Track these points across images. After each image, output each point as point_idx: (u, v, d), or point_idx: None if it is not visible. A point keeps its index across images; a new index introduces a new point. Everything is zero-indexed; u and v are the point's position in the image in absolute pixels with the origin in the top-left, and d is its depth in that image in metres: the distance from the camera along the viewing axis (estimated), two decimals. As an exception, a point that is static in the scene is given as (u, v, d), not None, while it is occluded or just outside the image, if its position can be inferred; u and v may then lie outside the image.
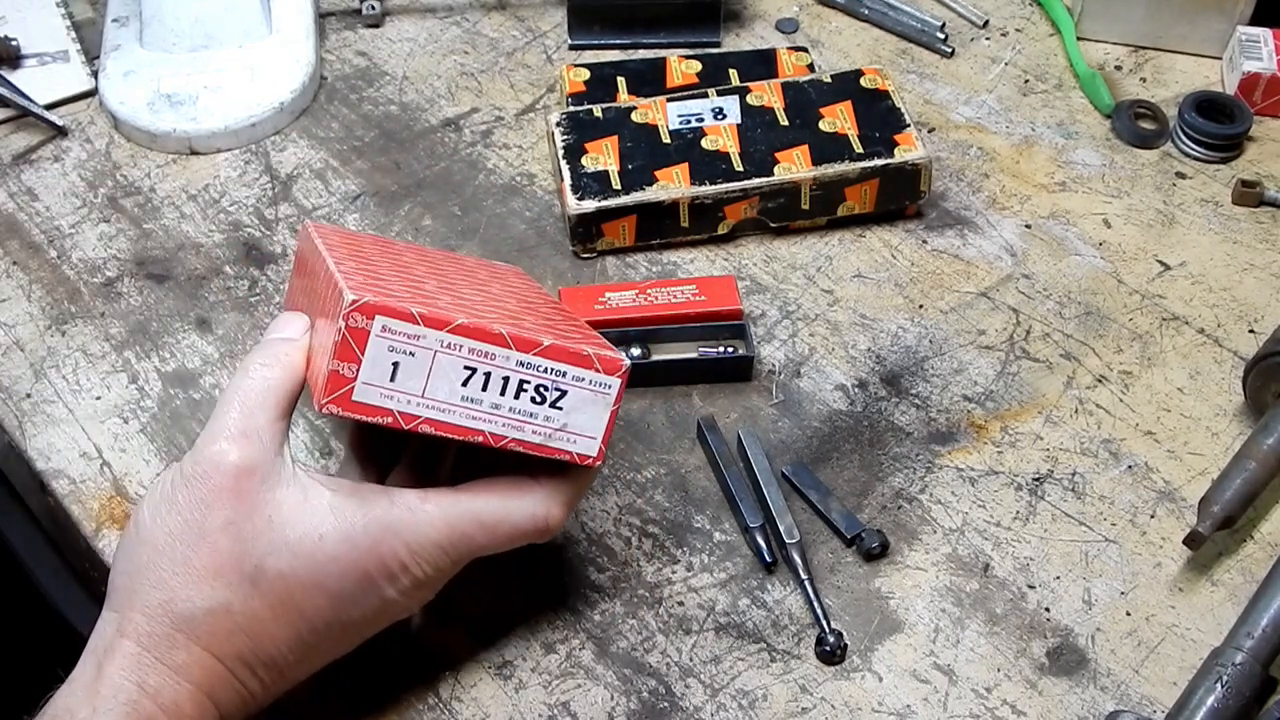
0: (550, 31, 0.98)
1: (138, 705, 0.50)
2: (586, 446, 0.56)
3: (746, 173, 0.80)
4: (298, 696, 0.60)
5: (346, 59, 0.96)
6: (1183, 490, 0.70)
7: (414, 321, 0.52)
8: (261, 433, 0.54)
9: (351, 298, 0.52)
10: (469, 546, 0.56)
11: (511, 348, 0.54)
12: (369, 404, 0.53)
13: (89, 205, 0.85)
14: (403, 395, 0.53)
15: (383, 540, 0.54)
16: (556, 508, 0.57)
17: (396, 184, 0.87)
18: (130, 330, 0.77)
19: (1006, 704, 0.61)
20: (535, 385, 0.55)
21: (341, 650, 0.57)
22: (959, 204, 0.85)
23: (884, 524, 0.68)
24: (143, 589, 0.52)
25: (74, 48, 0.93)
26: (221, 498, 0.53)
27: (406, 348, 0.53)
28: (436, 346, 0.53)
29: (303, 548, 0.53)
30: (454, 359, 0.53)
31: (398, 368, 0.53)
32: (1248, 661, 0.59)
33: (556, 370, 0.55)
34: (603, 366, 0.56)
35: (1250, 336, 0.77)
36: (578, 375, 0.55)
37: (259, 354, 0.56)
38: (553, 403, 0.55)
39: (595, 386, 0.56)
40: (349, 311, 0.52)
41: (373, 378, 0.53)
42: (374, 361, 0.52)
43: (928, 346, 0.77)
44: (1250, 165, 0.88)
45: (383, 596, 0.55)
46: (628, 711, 0.61)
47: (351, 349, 0.52)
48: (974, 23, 0.99)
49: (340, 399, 0.52)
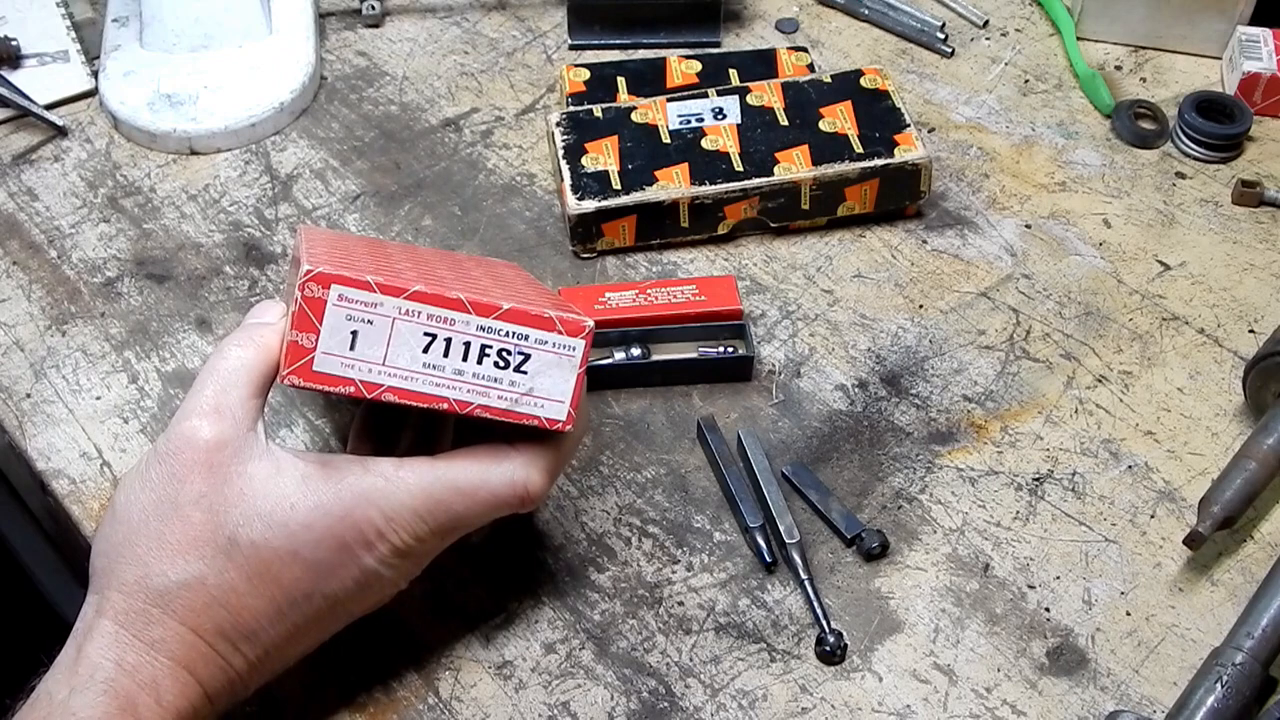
0: (550, 31, 0.98)
1: (115, 683, 0.50)
2: (555, 411, 0.56)
3: (746, 173, 0.80)
4: (296, 695, 0.60)
5: (346, 59, 0.96)
6: (1183, 490, 0.70)
7: (370, 289, 0.52)
8: (234, 409, 0.54)
9: (307, 268, 0.52)
10: (447, 514, 0.55)
11: (470, 312, 0.54)
12: (330, 374, 0.53)
13: (89, 205, 0.85)
14: (364, 364, 0.53)
15: (356, 507, 0.54)
16: (536, 474, 0.57)
17: (396, 184, 0.87)
18: (130, 330, 0.77)
19: (1006, 704, 0.61)
20: (498, 349, 0.55)
21: (328, 627, 0.56)
22: (959, 204, 0.85)
23: (884, 524, 0.68)
24: (119, 567, 0.53)
25: (74, 48, 0.93)
26: (194, 472, 0.53)
27: (364, 316, 0.53)
28: (395, 314, 0.53)
29: (275, 517, 0.53)
30: (413, 325, 0.53)
31: (357, 336, 0.53)
32: (1248, 661, 0.59)
33: (518, 334, 0.55)
34: (565, 328, 0.55)
35: (1250, 336, 0.77)
36: (540, 338, 0.55)
37: (235, 336, 0.56)
38: (516, 367, 0.55)
39: (559, 349, 0.55)
40: (304, 281, 0.52)
41: (332, 347, 0.53)
42: (332, 331, 0.52)
43: (928, 346, 0.77)
44: (1250, 165, 0.88)
45: (361, 566, 0.54)
46: (628, 711, 0.61)
47: (309, 319, 0.52)
48: (974, 23, 0.99)
49: (301, 369, 0.53)
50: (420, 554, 0.56)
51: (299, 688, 0.60)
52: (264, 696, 0.57)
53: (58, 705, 0.50)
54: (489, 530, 0.61)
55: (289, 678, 0.58)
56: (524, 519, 0.68)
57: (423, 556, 0.57)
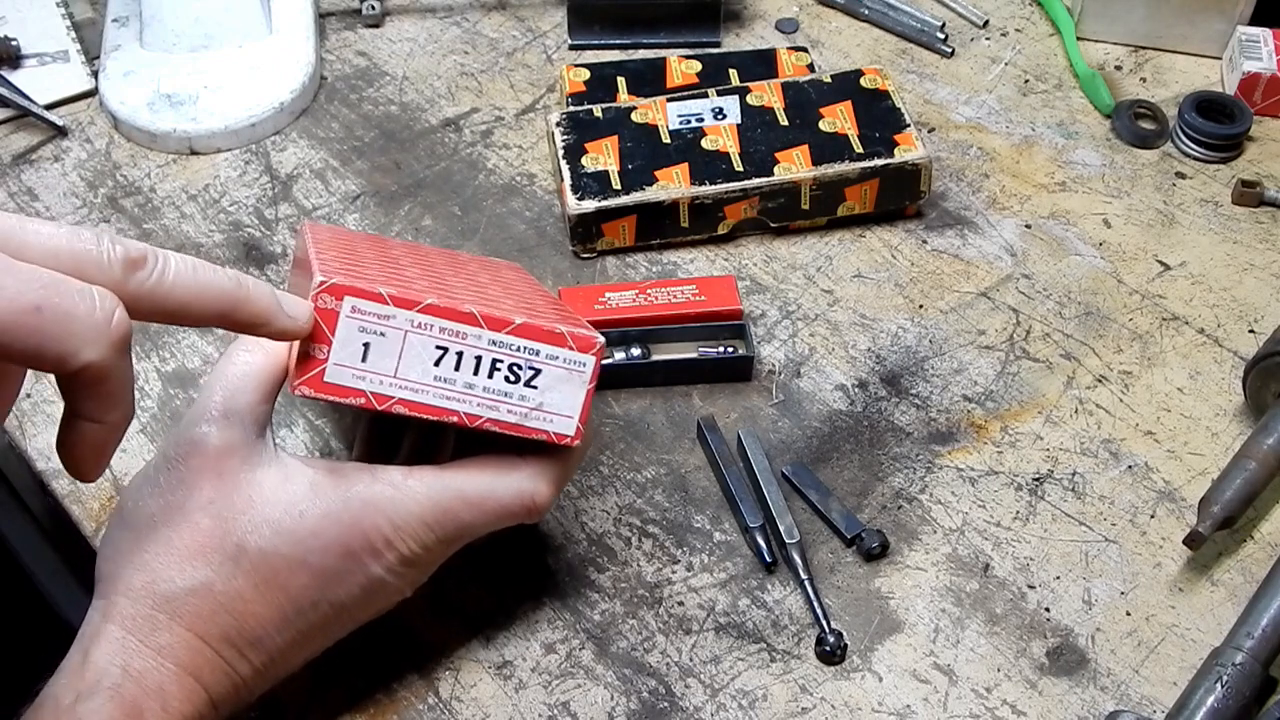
0: (550, 31, 0.98)
1: (121, 689, 0.50)
2: (563, 426, 0.56)
3: (746, 173, 0.80)
4: (297, 695, 0.60)
5: (346, 59, 0.96)
6: (1183, 490, 0.70)
7: (383, 301, 0.52)
8: (243, 415, 0.54)
9: (320, 279, 0.52)
10: (455, 523, 0.55)
11: (483, 326, 0.54)
12: (341, 385, 0.53)
13: (89, 205, 0.85)
14: (375, 376, 0.53)
15: (364, 515, 0.54)
16: (543, 485, 0.57)
17: (396, 184, 0.87)
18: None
19: (1006, 704, 0.61)
20: (509, 364, 0.55)
21: (334, 634, 0.56)
22: (959, 204, 0.85)
23: (884, 524, 0.68)
24: (126, 572, 0.52)
25: (74, 48, 0.93)
26: (203, 478, 0.53)
27: (377, 328, 0.53)
28: (407, 326, 0.53)
29: (283, 525, 0.53)
30: (425, 339, 0.53)
31: (369, 348, 0.53)
32: (1248, 661, 0.59)
33: (530, 349, 0.55)
34: (576, 344, 0.55)
35: (1250, 336, 0.77)
36: (551, 353, 0.55)
37: (243, 341, 0.56)
38: (527, 381, 0.55)
39: (570, 365, 0.55)
40: (318, 293, 0.52)
41: (344, 359, 0.53)
42: (345, 342, 0.52)
43: (928, 346, 0.77)
44: (1250, 165, 0.88)
45: (369, 574, 0.54)
46: (628, 711, 0.61)
47: (322, 329, 0.52)
48: (974, 23, 0.99)
49: (312, 380, 0.52)
50: (427, 562, 0.56)
51: (300, 689, 0.60)
52: (265, 697, 0.57)
53: (64, 711, 0.50)
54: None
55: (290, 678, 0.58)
56: (524, 519, 0.68)
57: (429, 565, 0.57)
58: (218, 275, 0.48)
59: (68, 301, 0.43)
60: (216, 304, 0.48)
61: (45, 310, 0.42)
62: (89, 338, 0.43)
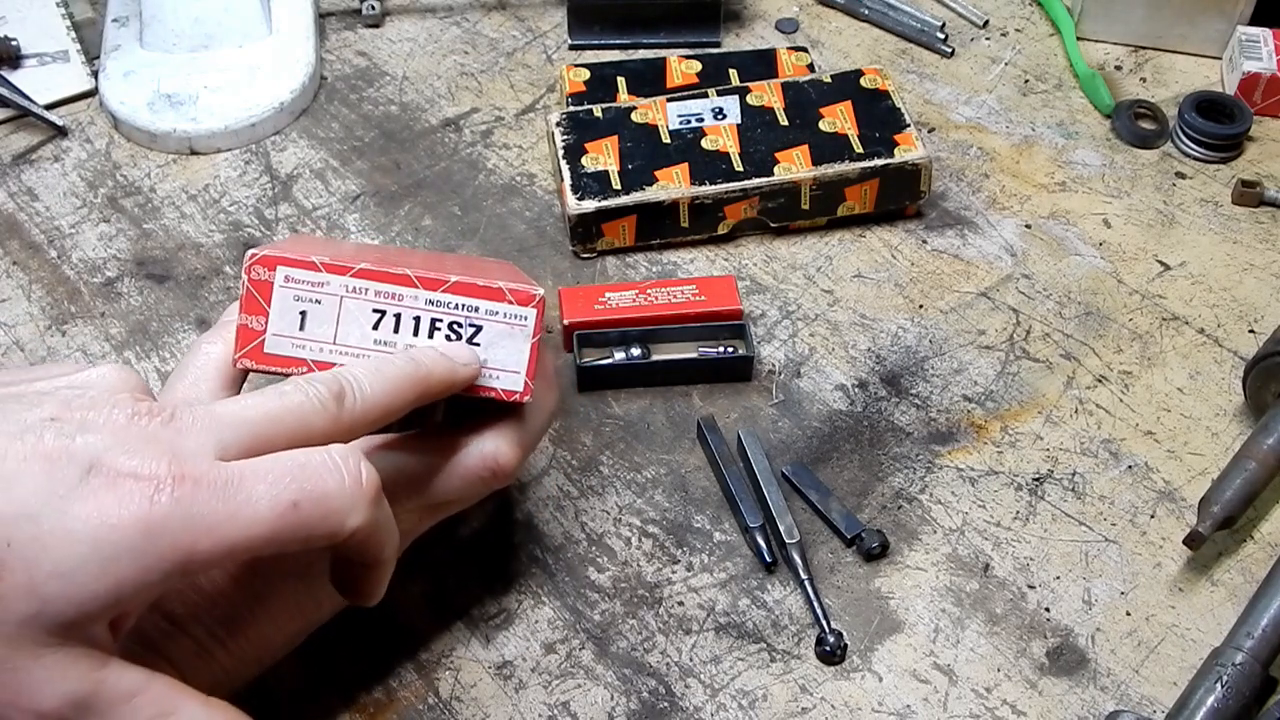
0: (550, 31, 0.98)
1: None
2: (511, 382, 0.56)
3: (746, 173, 0.80)
4: (295, 695, 0.60)
5: (346, 59, 0.96)
6: (1183, 490, 0.70)
7: (316, 269, 0.53)
8: (205, 401, 0.54)
9: (251, 251, 0.53)
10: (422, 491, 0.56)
11: (418, 287, 0.54)
12: (282, 355, 0.53)
13: (89, 205, 0.85)
14: (314, 344, 0.54)
15: None
16: (505, 446, 0.56)
17: (396, 184, 0.87)
18: (130, 330, 0.77)
19: (1006, 704, 0.61)
20: (448, 323, 0.55)
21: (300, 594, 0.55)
22: (959, 204, 0.85)
23: (884, 524, 0.68)
24: None
25: (74, 48, 0.93)
26: None
27: (312, 295, 0.53)
28: (342, 292, 0.53)
29: None
30: (361, 303, 0.54)
31: (306, 316, 0.53)
32: (1248, 661, 0.59)
33: (467, 305, 0.55)
34: (515, 298, 0.55)
35: (1250, 336, 0.77)
36: (490, 309, 0.55)
37: (208, 334, 0.57)
38: (469, 339, 0.55)
39: (510, 319, 0.55)
40: (250, 265, 0.53)
41: (282, 328, 0.53)
42: (281, 312, 0.53)
43: (928, 346, 0.77)
44: (1250, 165, 0.88)
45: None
46: (628, 711, 0.61)
47: (257, 302, 0.53)
48: (974, 23, 0.99)
49: (253, 352, 0.53)
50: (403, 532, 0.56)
51: (298, 688, 0.60)
52: (262, 695, 0.57)
53: None
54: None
55: (288, 676, 0.58)
56: (524, 518, 0.68)
57: (406, 536, 0.56)
58: (394, 365, 0.51)
59: (319, 485, 0.43)
60: (412, 391, 0.51)
61: (302, 503, 0.43)
62: (349, 509, 0.44)
